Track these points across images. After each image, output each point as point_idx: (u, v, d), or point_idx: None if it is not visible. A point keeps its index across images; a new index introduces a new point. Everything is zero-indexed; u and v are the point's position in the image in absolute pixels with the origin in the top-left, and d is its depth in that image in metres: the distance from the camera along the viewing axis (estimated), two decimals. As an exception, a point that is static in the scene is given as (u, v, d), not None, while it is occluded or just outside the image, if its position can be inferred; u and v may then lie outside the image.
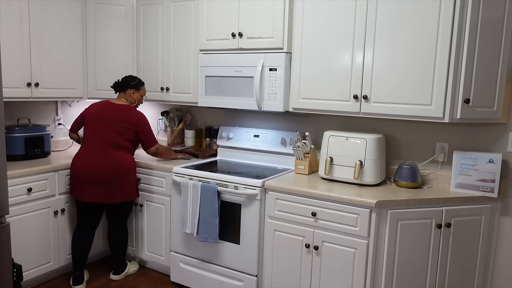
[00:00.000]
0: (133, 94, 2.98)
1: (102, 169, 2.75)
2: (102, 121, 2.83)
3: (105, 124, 2.82)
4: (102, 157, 2.77)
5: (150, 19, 3.32)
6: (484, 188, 2.34)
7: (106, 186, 2.77)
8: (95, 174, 2.75)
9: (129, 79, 2.98)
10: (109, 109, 2.87)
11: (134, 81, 2.98)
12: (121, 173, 2.79)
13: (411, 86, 2.31)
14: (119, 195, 2.82)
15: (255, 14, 2.74)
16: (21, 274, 1.98)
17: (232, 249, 2.67)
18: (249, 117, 3.32)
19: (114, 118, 2.83)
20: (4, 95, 2.81)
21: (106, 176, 2.76)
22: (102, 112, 2.87)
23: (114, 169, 2.77)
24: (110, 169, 2.76)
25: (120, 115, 2.84)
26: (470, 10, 2.15)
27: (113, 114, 2.84)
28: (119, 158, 2.80)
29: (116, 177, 2.78)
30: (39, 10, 2.98)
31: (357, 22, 2.43)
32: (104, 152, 2.78)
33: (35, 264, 2.84)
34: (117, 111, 2.86)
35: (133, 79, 2.99)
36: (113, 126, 2.81)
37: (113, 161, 2.77)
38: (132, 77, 3.00)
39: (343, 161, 2.54)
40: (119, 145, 2.82)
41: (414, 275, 2.31)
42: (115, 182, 2.78)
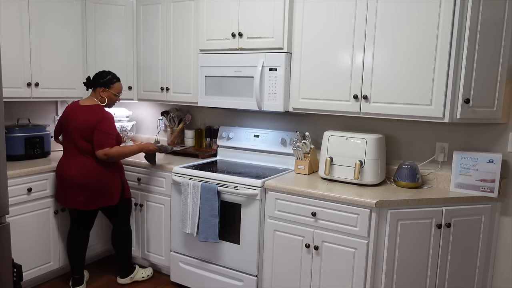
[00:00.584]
0: (103, 93, 2.73)
1: (78, 177, 2.64)
2: (69, 126, 2.68)
3: (72, 129, 2.66)
4: (75, 164, 2.66)
5: (150, 19, 3.32)
6: (484, 188, 2.34)
7: (85, 192, 2.66)
8: (71, 181, 2.66)
9: (99, 76, 2.74)
10: (75, 112, 2.68)
11: (104, 78, 2.73)
12: (96, 179, 2.66)
13: (411, 86, 2.31)
14: (101, 200, 2.71)
15: (255, 14, 2.74)
16: (21, 274, 1.98)
17: (232, 249, 2.67)
18: (249, 117, 3.32)
19: (79, 122, 2.64)
20: (4, 95, 2.81)
21: (83, 183, 2.65)
22: (69, 115, 2.70)
23: (89, 176, 2.65)
24: (85, 177, 2.64)
25: (83, 118, 2.64)
26: (470, 10, 2.15)
27: (78, 118, 2.65)
28: (91, 165, 2.65)
29: (92, 183, 2.65)
30: (39, 10, 2.98)
31: (357, 22, 2.43)
32: (77, 158, 2.67)
33: (35, 264, 2.84)
34: (81, 114, 2.65)
35: (103, 75, 2.74)
36: (79, 130, 2.64)
37: (86, 168, 2.64)
38: (103, 74, 2.75)
39: (343, 161, 2.53)
40: (88, 150, 2.65)
41: (414, 275, 2.31)
42: (93, 189, 2.66)
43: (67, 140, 2.72)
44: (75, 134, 2.65)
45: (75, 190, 2.67)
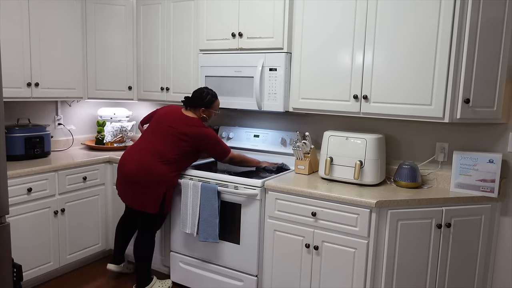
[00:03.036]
0: (203, 113, 2.74)
1: (131, 170, 2.61)
2: (161, 125, 2.68)
3: (162, 129, 2.66)
4: (138, 159, 2.62)
5: (150, 19, 3.32)
6: (484, 188, 2.34)
7: (131, 188, 2.64)
8: (125, 173, 2.65)
9: (198, 98, 2.73)
10: (175, 116, 2.68)
11: (204, 100, 2.72)
12: (146, 180, 2.59)
13: (411, 86, 2.31)
14: (138, 202, 2.64)
15: (255, 14, 2.74)
16: (21, 274, 1.98)
17: (232, 249, 2.67)
18: (249, 117, 3.32)
19: (173, 127, 2.64)
20: (4, 95, 2.81)
21: (132, 179, 2.61)
22: (168, 116, 2.70)
23: (141, 175, 2.59)
24: (137, 173, 2.59)
25: (181, 126, 2.63)
26: (470, 10, 2.15)
27: (175, 122, 2.65)
28: (153, 166, 2.59)
29: (140, 183, 2.59)
30: (39, 10, 2.98)
31: (357, 22, 2.43)
32: (143, 155, 2.62)
33: (35, 264, 2.84)
34: (180, 121, 2.65)
35: (202, 97, 2.73)
36: (168, 134, 2.63)
37: (144, 166, 2.59)
38: (201, 95, 2.73)
39: (343, 161, 2.54)
40: (162, 155, 2.61)
41: (414, 275, 2.31)
42: (138, 188, 2.61)
43: (147, 134, 2.72)
44: (160, 135, 2.65)
45: (125, 182, 2.67)
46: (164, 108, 2.80)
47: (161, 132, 2.66)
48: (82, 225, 3.14)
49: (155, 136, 2.67)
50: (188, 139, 2.62)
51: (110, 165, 3.29)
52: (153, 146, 2.64)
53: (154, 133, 2.69)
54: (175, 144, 2.62)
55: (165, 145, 2.63)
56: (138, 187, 2.61)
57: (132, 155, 2.67)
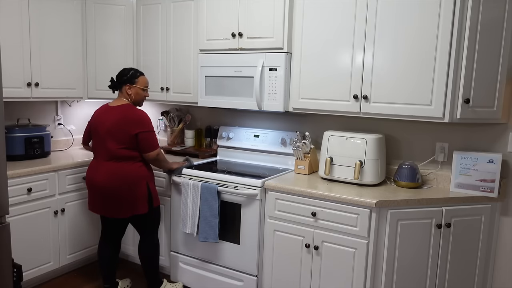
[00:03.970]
0: (129, 90, 2.59)
1: (105, 183, 2.50)
2: (100, 130, 2.54)
3: (102, 133, 2.52)
4: (104, 170, 2.51)
5: (150, 19, 3.32)
6: (484, 188, 2.34)
7: (111, 200, 2.52)
8: (99, 188, 2.52)
9: (121, 74, 2.62)
10: (105, 114, 2.55)
11: (127, 75, 2.60)
12: (124, 186, 2.49)
13: (411, 86, 2.31)
14: (127, 209, 2.54)
15: (255, 14, 2.74)
16: (21, 274, 1.98)
17: (232, 249, 2.67)
18: (249, 117, 3.32)
19: (109, 124, 2.50)
20: (4, 95, 2.81)
21: (109, 190, 2.50)
22: (99, 118, 2.57)
23: (116, 183, 2.49)
24: (111, 183, 2.49)
25: (115, 120, 2.49)
26: (470, 10, 2.15)
27: (108, 120, 2.51)
28: (120, 170, 2.50)
29: (118, 190, 2.49)
30: (39, 10, 2.98)
31: (357, 22, 2.43)
32: (106, 164, 2.52)
33: (35, 264, 2.84)
34: (112, 115, 2.52)
35: (125, 73, 2.61)
36: (110, 133, 2.49)
37: (113, 174, 2.49)
38: (124, 71, 2.62)
39: (343, 161, 2.53)
40: (118, 155, 2.50)
41: (414, 275, 2.31)
42: (120, 196, 2.50)
43: (97, 145, 2.57)
44: (106, 137, 2.50)
45: (103, 196, 2.53)
46: (94, 113, 2.64)
47: (103, 135, 2.52)
48: (82, 225, 3.14)
49: (102, 142, 2.53)
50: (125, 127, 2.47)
51: (110, 165, 3.29)
52: (106, 152, 2.52)
53: (99, 141, 2.55)
54: (122, 140, 2.48)
55: (114, 145, 2.49)
56: (120, 195, 2.50)
57: (97, 169, 2.55)
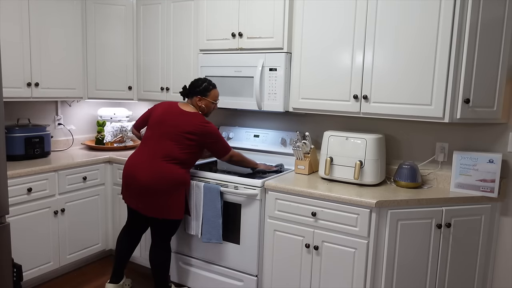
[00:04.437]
0: (200, 102, 2.61)
1: (147, 180, 2.44)
2: (164, 126, 2.53)
3: (166, 131, 2.51)
4: (151, 166, 2.46)
5: (150, 19, 3.32)
6: (484, 188, 2.34)
7: (149, 198, 2.47)
8: (139, 182, 2.47)
9: (194, 85, 2.63)
10: (176, 115, 2.54)
11: (200, 87, 2.61)
12: (166, 188, 2.45)
13: (411, 86, 2.31)
14: (162, 211, 2.49)
15: (255, 14, 2.74)
16: (21, 274, 1.98)
17: (232, 249, 2.67)
18: (249, 117, 3.32)
19: (178, 127, 2.50)
20: (4, 95, 2.81)
21: (150, 188, 2.45)
22: (167, 115, 2.55)
23: (160, 182, 2.44)
24: (155, 181, 2.44)
25: (185, 125, 2.49)
26: (470, 10, 2.15)
27: (178, 121, 2.51)
28: (169, 170, 2.46)
29: (160, 191, 2.45)
30: (39, 10, 2.98)
31: (357, 22, 2.43)
32: (155, 160, 2.47)
33: (35, 264, 2.84)
34: (183, 119, 2.51)
35: (198, 84, 2.62)
36: (174, 135, 2.49)
37: (161, 173, 2.45)
38: (198, 82, 2.63)
39: (343, 161, 2.53)
40: (174, 157, 2.48)
41: (414, 275, 2.31)
42: (159, 197, 2.46)
43: (152, 139, 2.54)
44: (166, 136, 2.50)
45: (142, 192, 2.48)
46: (160, 107, 2.65)
47: (165, 133, 2.52)
48: (82, 225, 3.14)
49: (160, 138, 2.52)
50: (194, 137, 2.50)
51: (110, 165, 3.29)
52: (162, 149, 2.50)
53: (158, 136, 2.54)
54: (182, 144, 2.50)
55: (173, 146, 2.49)
56: (158, 195, 2.46)
57: (142, 162, 2.50)
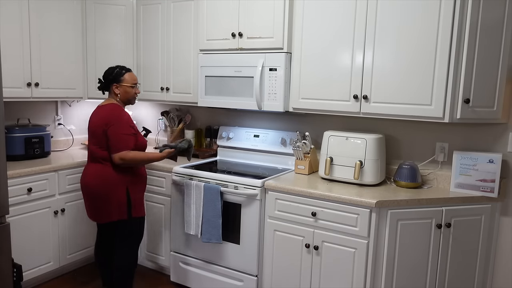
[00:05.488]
0: (117, 89, 2.49)
1: (86, 184, 2.47)
2: (88, 130, 2.51)
3: (88, 133, 2.50)
4: (87, 171, 2.50)
5: (150, 19, 3.32)
6: (484, 188, 2.34)
7: (93, 202, 2.47)
8: (82, 189, 2.52)
9: (106, 74, 2.52)
10: (93, 115, 2.50)
11: (112, 73, 2.49)
12: (100, 188, 2.41)
13: (411, 86, 2.31)
14: (103, 214, 2.46)
15: (255, 14, 2.74)
16: (21, 274, 1.98)
17: (232, 249, 2.67)
18: (249, 117, 3.32)
19: (92, 124, 2.46)
20: (4, 95, 2.80)
21: (87, 193, 2.47)
22: (90, 119, 2.53)
23: (94, 184, 2.42)
24: (90, 184, 2.44)
25: (96, 119, 2.44)
26: (470, 10, 2.15)
27: (91, 120, 2.48)
28: (100, 172, 2.42)
29: (97, 192, 2.41)
30: (39, 10, 2.98)
31: (357, 22, 2.43)
32: (89, 165, 2.50)
33: (35, 264, 2.84)
34: (94, 116, 2.47)
35: (110, 72, 2.50)
36: (91, 133, 2.46)
37: (94, 176, 2.43)
38: (110, 69, 2.52)
39: (343, 161, 2.53)
40: (95, 156, 2.44)
41: (414, 275, 2.30)
42: (98, 199, 2.43)
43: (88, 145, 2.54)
44: (89, 138, 2.49)
45: (86, 198, 2.52)
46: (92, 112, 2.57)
47: (89, 136, 2.50)
48: (82, 225, 3.14)
49: (89, 142, 2.51)
50: (99, 128, 2.39)
51: (110, 165, 3.29)
52: (90, 152, 2.49)
53: (88, 140, 2.53)
54: (96, 139, 2.42)
55: (92, 146, 2.45)
56: (97, 197, 2.43)
57: (85, 169, 2.54)
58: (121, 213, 2.44)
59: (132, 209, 2.47)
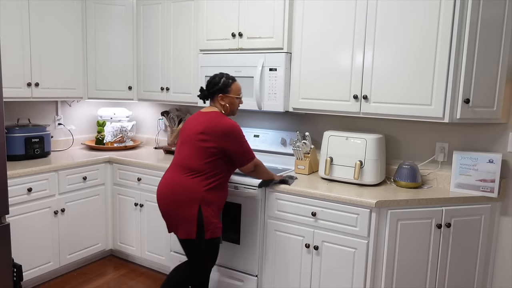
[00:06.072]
0: (222, 100, 2.30)
1: (163, 191, 2.24)
2: (184, 134, 2.29)
3: (184, 141, 2.27)
4: (168, 177, 2.26)
5: (150, 19, 3.32)
6: (484, 188, 2.34)
7: (166, 211, 2.25)
8: (158, 194, 2.29)
9: (211, 84, 2.31)
10: (193, 121, 2.28)
11: (219, 84, 2.29)
12: (176, 199, 2.18)
13: (411, 86, 2.31)
14: (173, 226, 2.25)
15: (255, 14, 2.74)
16: (21, 274, 1.98)
17: (232, 249, 2.67)
18: (249, 117, 3.32)
19: (192, 131, 2.22)
20: (4, 95, 2.81)
21: (165, 201, 2.23)
22: (186, 125, 2.31)
23: (171, 194, 2.20)
24: (168, 193, 2.21)
25: (198, 125, 2.21)
26: (470, 10, 2.15)
27: (193, 127, 2.24)
28: (181, 181, 2.18)
29: (173, 203, 2.19)
30: (39, 10, 2.98)
31: (357, 22, 2.43)
32: (176, 176, 2.23)
33: (35, 264, 2.84)
34: (198, 122, 2.23)
35: (216, 81, 2.30)
36: (189, 139, 2.23)
37: (174, 183, 2.20)
38: (215, 79, 2.31)
39: (343, 161, 2.53)
40: (191, 167, 2.19)
41: (414, 275, 2.31)
42: (172, 209, 2.21)
43: (176, 151, 2.33)
44: (184, 144, 2.26)
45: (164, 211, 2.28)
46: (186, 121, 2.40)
47: (185, 141, 2.27)
48: (82, 225, 3.14)
49: (181, 147, 2.29)
50: (207, 138, 2.17)
51: (110, 165, 3.29)
52: (179, 159, 2.26)
53: (180, 145, 2.31)
54: (198, 149, 2.19)
55: (190, 154, 2.21)
56: (170, 207, 2.22)
57: (165, 174, 2.31)
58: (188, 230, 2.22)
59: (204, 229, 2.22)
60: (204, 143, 2.18)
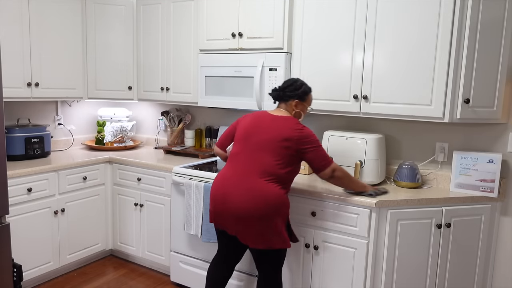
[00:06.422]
0: (297, 106, 2.25)
1: (244, 203, 2.06)
2: (255, 136, 2.16)
3: (259, 140, 2.14)
4: (246, 187, 2.08)
5: (150, 19, 3.32)
6: (484, 188, 2.34)
7: (243, 225, 2.08)
8: (234, 208, 2.08)
9: (291, 87, 2.26)
10: (268, 122, 2.17)
11: (299, 89, 2.25)
12: (267, 212, 2.04)
13: (411, 86, 2.31)
14: (264, 240, 2.09)
15: (255, 14, 2.74)
16: (21, 274, 1.98)
17: (232, 249, 2.67)
18: (249, 117, 3.31)
19: (272, 134, 2.12)
20: (4, 95, 2.81)
21: (248, 214, 2.05)
22: (258, 124, 2.19)
23: (260, 207, 2.04)
24: (255, 205, 2.04)
25: (280, 130, 2.12)
26: (470, 10, 2.15)
27: (271, 128, 2.14)
28: (269, 190, 2.06)
29: (262, 217, 2.05)
30: (39, 10, 2.98)
31: (357, 22, 2.43)
32: (251, 179, 2.09)
33: (35, 264, 2.84)
34: (277, 125, 2.15)
35: (296, 86, 2.25)
36: (269, 144, 2.11)
37: (260, 196, 2.05)
38: (296, 84, 2.26)
39: (343, 161, 2.53)
40: (272, 173, 2.09)
41: (414, 275, 2.31)
42: (255, 223, 2.06)
43: (242, 154, 2.17)
44: (260, 148, 2.13)
45: (230, 217, 2.11)
46: (247, 118, 2.28)
47: (258, 144, 2.14)
48: (82, 225, 3.14)
49: (253, 151, 2.14)
50: (290, 144, 2.10)
51: (110, 165, 3.29)
52: (257, 164, 2.11)
53: (250, 149, 2.15)
54: (279, 155, 2.11)
55: (270, 159, 2.10)
56: (256, 222, 2.06)
57: (236, 183, 2.12)
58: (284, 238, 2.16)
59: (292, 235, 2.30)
60: (289, 150, 2.11)
